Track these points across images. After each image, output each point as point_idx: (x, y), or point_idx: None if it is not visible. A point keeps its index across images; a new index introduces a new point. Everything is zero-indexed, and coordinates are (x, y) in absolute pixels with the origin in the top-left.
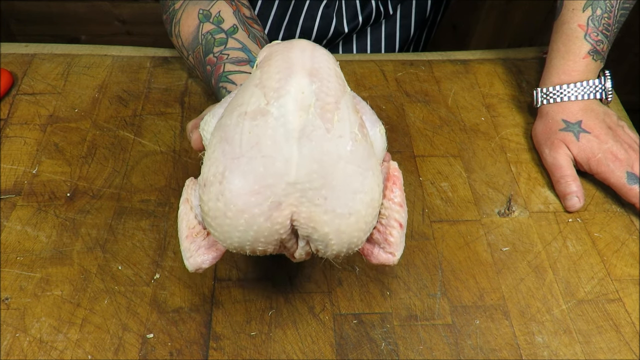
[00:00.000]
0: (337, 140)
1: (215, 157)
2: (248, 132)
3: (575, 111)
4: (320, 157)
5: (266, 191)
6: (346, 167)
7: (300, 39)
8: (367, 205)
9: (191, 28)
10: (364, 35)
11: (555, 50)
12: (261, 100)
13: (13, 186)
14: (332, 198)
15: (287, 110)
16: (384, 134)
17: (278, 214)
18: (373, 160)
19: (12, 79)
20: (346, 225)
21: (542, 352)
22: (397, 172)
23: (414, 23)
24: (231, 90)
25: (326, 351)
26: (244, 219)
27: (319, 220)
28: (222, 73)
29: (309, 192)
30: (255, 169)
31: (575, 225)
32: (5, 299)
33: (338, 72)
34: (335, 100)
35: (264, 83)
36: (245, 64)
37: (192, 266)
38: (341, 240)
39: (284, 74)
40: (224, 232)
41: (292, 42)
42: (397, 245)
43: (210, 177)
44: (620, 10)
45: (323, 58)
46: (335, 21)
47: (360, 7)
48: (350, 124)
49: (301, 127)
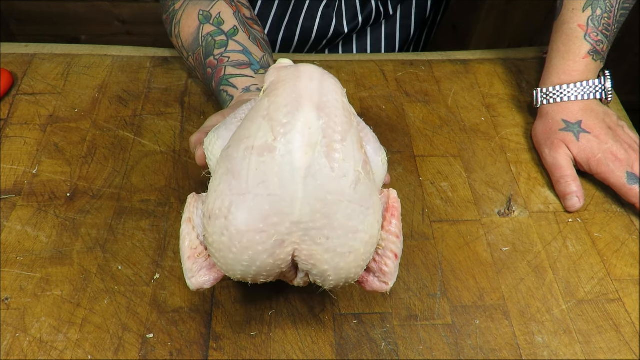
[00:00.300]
0: (341, 180)
1: (221, 190)
2: (255, 169)
3: (575, 111)
4: (324, 196)
5: (271, 230)
6: (348, 207)
7: (308, 65)
8: (366, 243)
9: (191, 29)
10: (364, 36)
11: (555, 50)
12: (268, 136)
13: (13, 186)
14: (334, 237)
15: (294, 147)
16: (386, 161)
17: (281, 251)
18: (374, 197)
19: (12, 79)
20: (345, 263)
21: (542, 352)
22: (396, 203)
23: (414, 23)
24: (232, 94)
25: (326, 351)
26: (247, 255)
27: (319, 259)
28: (223, 76)
29: (312, 232)
30: (261, 207)
31: (575, 225)
32: (5, 299)
33: (345, 104)
34: (342, 138)
35: (271, 116)
36: (246, 67)
37: (194, 286)
38: (339, 276)
39: (292, 107)
40: (228, 265)
41: (300, 68)
42: (391, 275)
43: (215, 210)
44: (620, 11)
45: (331, 89)
46: (335, 21)
47: (360, 7)
48: (354, 162)
49: (307, 165)
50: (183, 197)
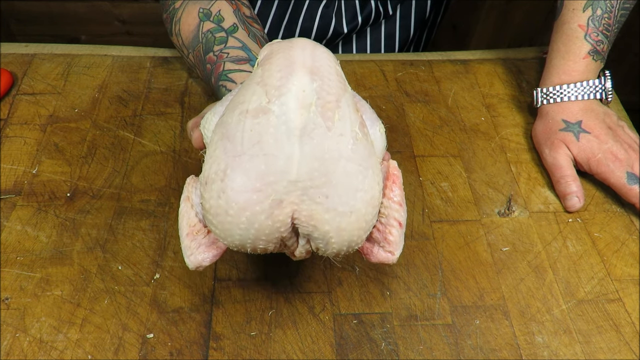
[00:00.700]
0: (338, 139)
1: (216, 155)
2: (250, 130)
3: (575, 111)
4: (322, 155)
5: (268, 189)
6: (347, 166)
7: (300, 38)
8: (367, 203)
9: (191, 27)
10: (364, 36)
11: (556, 50)
12: (262, 99)
13: (13, 186)
14: (333, 196)
15: (288, 108)
16: (384, 132)
17: (279, 212)
18: (373, 158)
19: (12, 79)
20: (347, 224)
21: (542, 352)
22: (396, 171)
23: (413, 23)
24: (231, 88)
25: (326, 351)
26: (245, 217)
27: (320, 219)
28: (222, 71)
29: (310, 190)
30: (256, 167)
31: (575, 225)
32: (5, 299)
33: (339, 71)
34: (336, 99)
35: (265, 81)
36: (245, 63)
37: (193, 264)
38: (342, 239)
39: (285, 72)
40: (225, 230)
41: (293, 40)
42: (397, 244)
43: (211, 175)
44: (620, 11)
45: (324, 56)
46: (335, 21)
47: (360, 8)
48: (351, 122)
49: (302, 125)
50: None
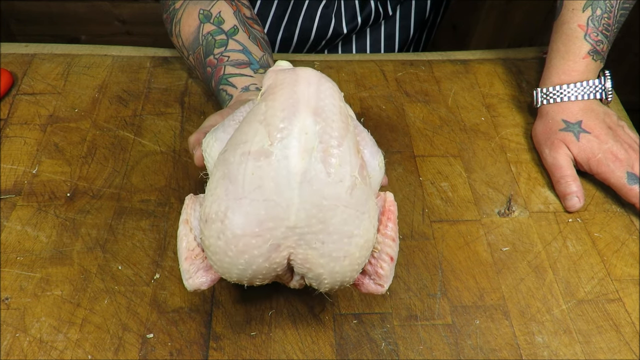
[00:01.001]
0: (337, 185)
1: (217, 195)
2: (251, 174)
3: (575, 111)
4: (320, 201)
5: (266, 234)
6: (344, 212)
7: (306, 69)
8: (361, 247)
9: (192, 28)
10: (363, 36)
11: (555, 50)
12: (265, 141)
13: (13, 186)
14: (329, 242)
15: (290, 152)
16: (383, 164)
17: (276, 255)
18: (370, 202)
19: (12, 79)
20: (340, 267)
21: (542, 352)
22: (392, 207)
23: (413, 24)
24: (232, 93)
25: (326, 351)
26: (243, 259)
27: (314, 263)
28: (223, 75)
29: (307, 236)
30: (256, 212)
31: (575, 225)
32: (5, 299)
33: (342, 109)
34: (338, 143)
35: (268, 120)
36: (246, 67)
37: (191, 287)
38: (334, 280)
39: (289, 112)
40: (224, 268)
41: (298, 72)
42: (387, 278)
43: (212, 215)
44: (620, 11)
45: (328, 93)
46: (334, 22)
47: (360, 8)
48: (351, 167)
49: (303, 170)
50: (183, 197)
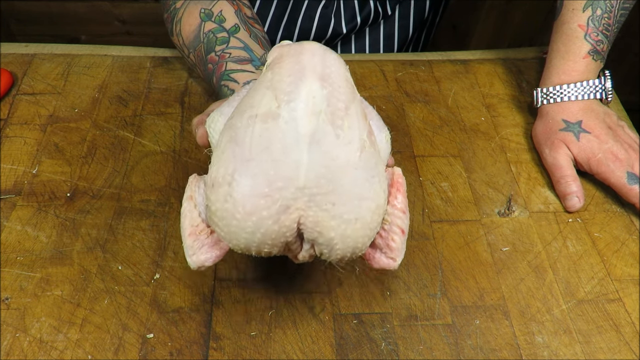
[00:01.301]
0: (346, 147)
1: (224, 158)
2: (259, 135)
3: (575, 111)
4: (329, 162)
5: (275, 194)
6: (354, 174)
7: (311, 42)
8: (372, 211)
9: (192, 27)
10: (363, 36)
11: (555, 50)
12: (272, 103)
13: (13, 186)
14: (340, 204)
15: (297, 114)
16: (389, 140)
17: (286, 217)
18: (380, 167)
19: (12, 79)
20: (352, 231)
21: (542, 352)
22: (400, 179)
23: (412, 23)
24: (233, 88)
25: (326, 351)
26: (251, 221)
27: (326, 225)
28: (224, 71)
29: (317, 197)
30: (265, 172)
31: (575, 225)
32: (5, 299)
33: (348, 78)
34: (346, 106)
35: (275, 85)
36: (247, 63)
37: (195, 264)
38: (346, 245)
39: (296, 77)
40: (231, 233)
41: (303, 44)
42: (399, 251)
43: (219, 178)
44: (620, 11)
45: (334, 62)
46: (334, 22)
47: (359, 8)
48: (359, 130)
49: (311, 132)
50: (183, 197)
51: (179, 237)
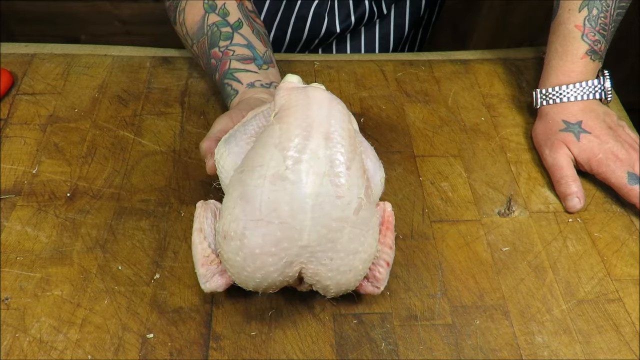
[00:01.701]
0: (345, 208)
1: (235, 214)
2: (267, 197)
3: (575, 112)
4: (330, 223)
5: (281, 253)
6: (351, 232)
7: (317, 89)
8: (364, 261)
9: (196, 17)
10: (358, 35)
11: (553, 51)
12: (280, 165)
13: (13, 186)
14: (337, 259)
15: (303, 177)
16: (384, 179)
17: (289, 270)
18: (374, 218)
19: (12, 79)
20: (345, 279)
21: (542, 352)
22: (390, 217)
23: (408, 23)
24: (237, 88)
25: (326, 351)
26: (260, 274)
27: (323, 276)
28: (228, 70)
29: (318, 254)
30: (273, 233)
31: (575, 225)
32: (5, 299)
33: (351, 132)
34: (347, 166)
35: (283, 145)
36: (251, 62)
37: (208, 290)
38: (339, 289)
39: (302, 137)
40: (241, 280)
41: (310, 94)
42: (383, 281)
43: (231, 232)
44: (616, 10)
45: (339, 117)
46: (327, 21)
47: (353, 7)
48: (357, 189)
49: (315, 194)
50: (183, 197)
51: (179, 237)
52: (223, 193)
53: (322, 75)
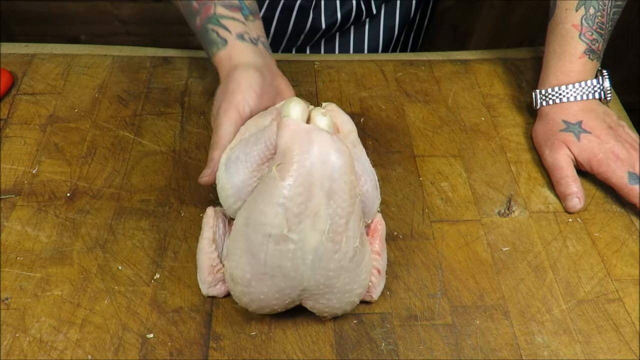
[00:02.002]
0: (342, 257)
1: (242, 265)
2: (271, 255)
3: (575, 112)
4: (327, 273)
5: (284, 297)
6: (346, 277)
7: (321, 134)
8: (359, 294)
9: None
10: (347, 35)
11: (552, 51)
12: (283, 226)
13: (13, 186)
14: (333, 299)
15: (305, 236)
16: (379, 187)
17: (290, 304)
18: (366, 256)
19: (12, 79)
20: (342, 311)
21: (542, 352)
22: (379, 225)
23: (398, 24)
24: (224, 37)
25: (326, 351)
26: (265, 311)
27: (320, 310)
28: (213, 15)
29: (316, 295)
30: (277, 284)
31: (575, 225)
32: (5, 299)
33: (353, 183)
34: (346, 221)
35: (286, 205)
36: (237, 11)
37: (209, 294)
38: (335, 315)
39: (305, 197)
40: (245, 306)
41: (314, 142)
42: (376, 288)
43: (237, 279)
44: (613, 8)
45: (342, 172)
46: (312, 17)
47: (340, 4)
48: (354, 239)
49: (315, 248)
50: (183, 197)
51: (179, 237)
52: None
53: (322, 75)
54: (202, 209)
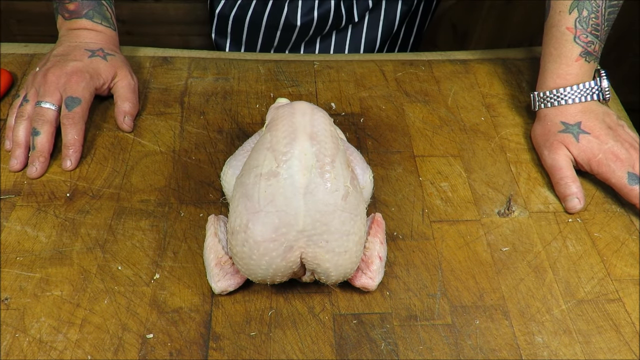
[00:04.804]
0: (334, 194)
1: (239, 211)
2: (264, 191)
3: (574, 113)
4: (321, 208)
5: (281, 238)
6: (341, 215)
7: (301, 102)
8: (356, 243)
9: None
10: (328, 40)
11: (548, 54)
12: (272, 164)
13: (13, 186)
14: (332, 240)
15: (294, 171)
16: (372, 179)
17: (291, 255)
18: (361, 206)
19: (12, 79)
20: (342, 260)
21: (542, 352)
22: (380, 219)
23: (380, 36)
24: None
25: (326, 351)
26: (265, 260)
27: (322, 258)
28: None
29: (314, 237)
30: (272, 222)
31: (575, 225)
32: (5, 299)
33: (333, 132)
34: (332, 160)
35: (274, 147)
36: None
37: (220, 289)
38: (338, 272)
39: (290, 138)
40: (249, 270)
41: (294, 106)
42: (377, 272)
43: (236, 227)
44: (608, 9)
45: (321, 121)
46: (287, 12)
47: (318, 3)
48: (343, 178)
49: (305, 184)
50: (183, 197)
51: (179, 237)
52: (226, 201)
53: (322, 75)
54: (202, 209)
